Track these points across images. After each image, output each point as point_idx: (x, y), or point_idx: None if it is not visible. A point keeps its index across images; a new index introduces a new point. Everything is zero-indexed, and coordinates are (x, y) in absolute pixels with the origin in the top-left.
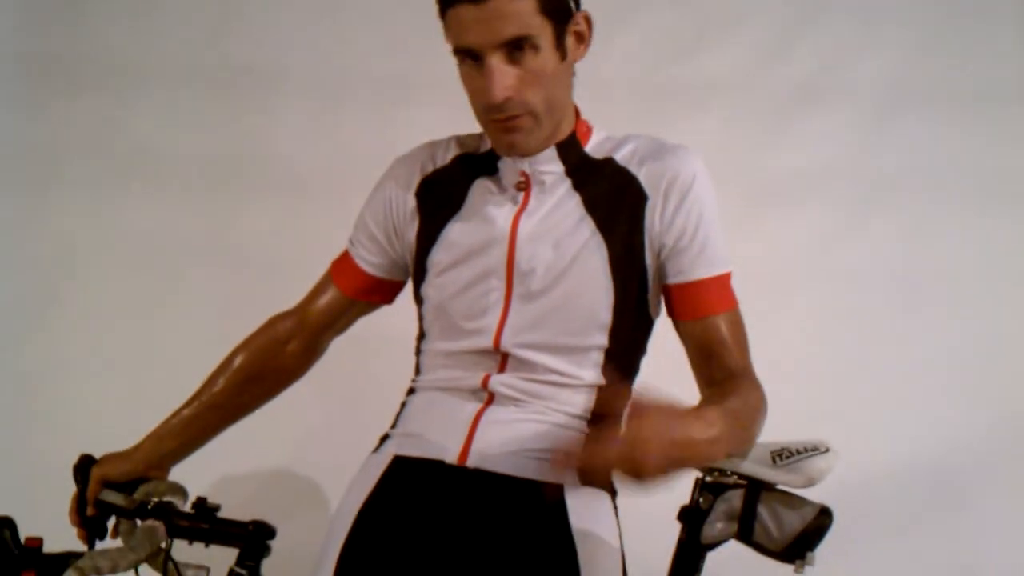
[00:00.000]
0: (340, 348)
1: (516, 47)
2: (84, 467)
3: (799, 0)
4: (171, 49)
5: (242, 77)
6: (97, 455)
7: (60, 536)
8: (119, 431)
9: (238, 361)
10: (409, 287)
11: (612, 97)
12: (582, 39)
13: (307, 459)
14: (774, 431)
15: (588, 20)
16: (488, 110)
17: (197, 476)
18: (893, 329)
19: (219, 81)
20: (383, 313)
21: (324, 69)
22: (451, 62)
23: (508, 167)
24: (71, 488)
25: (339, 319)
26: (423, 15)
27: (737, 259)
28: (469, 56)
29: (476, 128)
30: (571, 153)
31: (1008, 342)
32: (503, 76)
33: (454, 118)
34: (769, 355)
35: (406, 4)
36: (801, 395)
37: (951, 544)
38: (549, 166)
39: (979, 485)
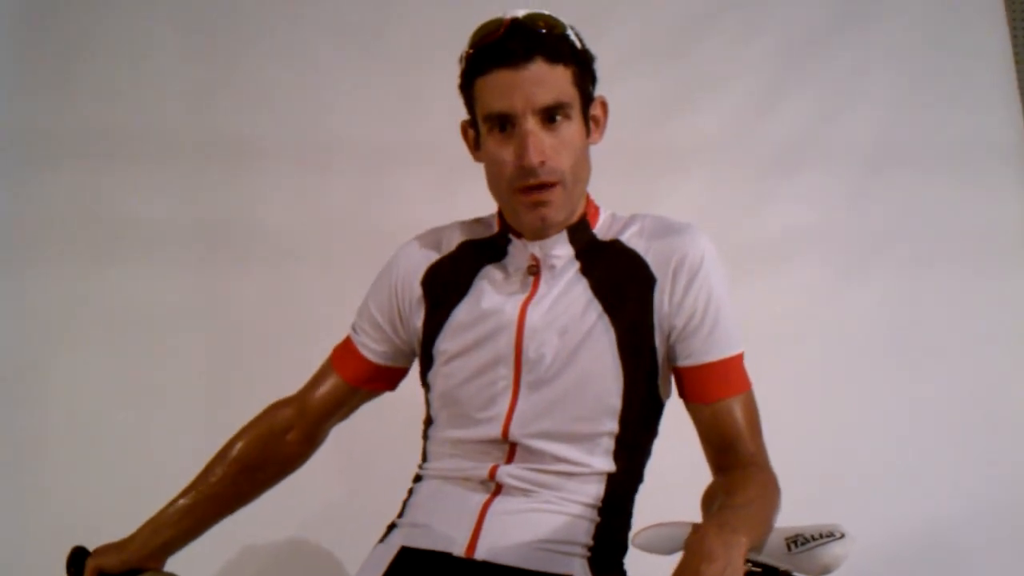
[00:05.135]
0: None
1: (551, 115)
2: (78, 559)
3: (784, 60)
4: (156, 120)
5: (226, 147)
6: (87, 542)
7: None
8: (110, 514)
9: (236, 450)
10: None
11: (597, 160)
12: (598, 124)
13: (310, 545)
14: None
15: (605, 106)
16: (520, 176)
17: (196, 561)
18: (885, 390)
19: (204, 152)
20: (393, 395)
21: (309, 138)
22: (438, 131)
23: (519, 250)
24: None
25: (340, 407)
26: (409, 84)
27: None
28: (500, 124)
29: (463, 194)
30: (581, 236)
31: (998, 400)
32: (539, 140)
33: (440, 185)
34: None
35: (391, 73)
36: (795, 459)
37: None
38: (559, 250)
39: (982, 547)
